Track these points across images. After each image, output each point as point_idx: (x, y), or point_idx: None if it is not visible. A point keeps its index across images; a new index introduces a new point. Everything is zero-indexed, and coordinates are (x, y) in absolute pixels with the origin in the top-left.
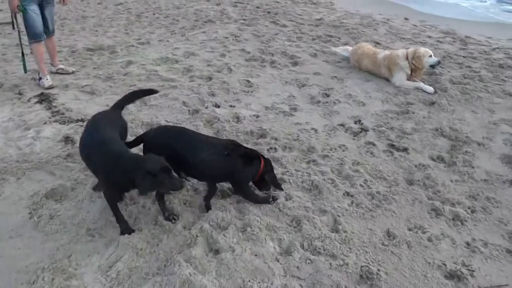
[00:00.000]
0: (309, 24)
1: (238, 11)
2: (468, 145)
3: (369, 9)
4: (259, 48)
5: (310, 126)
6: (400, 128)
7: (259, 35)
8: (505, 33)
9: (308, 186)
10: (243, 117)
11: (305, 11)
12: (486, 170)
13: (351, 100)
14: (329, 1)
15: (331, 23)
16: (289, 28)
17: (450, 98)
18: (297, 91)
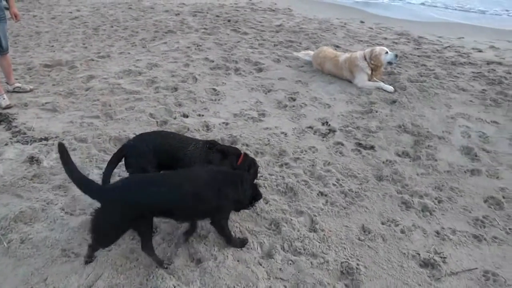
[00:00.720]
0: (270, 31)
1: (198, 20)
2: (429, 139)
3: (327, 14)
4: (222, 56)
5: (279, 130)
6: (366, 127)
7: (221, 43)
8: (454, 32)
9: (283, 189)
10: (212, 126)
11: (265, 18)
12: (448, 162)
13: (316, 102)
14: (287, 8)
15: (291, 29)
16: (250, 35)
17: (409, 95)
18: (264, 96)
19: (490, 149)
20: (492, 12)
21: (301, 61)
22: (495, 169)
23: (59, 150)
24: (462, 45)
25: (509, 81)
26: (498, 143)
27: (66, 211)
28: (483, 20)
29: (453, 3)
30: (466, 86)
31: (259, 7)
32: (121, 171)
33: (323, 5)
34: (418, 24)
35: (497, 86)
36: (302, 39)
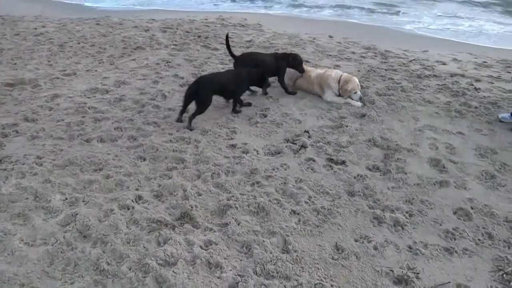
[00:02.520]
0: (240, 46)
1: (168, 36)
2: (399, 152)
3: (296, 29)
4: (192, 72)
5: (250, 148)
6: (337, 142)
7: (191, 59)
8: (419, 45)
9: (254, 209)
10: (183, 144)
11: (235, 34)
12: (418, 175)
13: (287, 118)
14: (257, 23)
15: (261, 44)
16: (221, 51)
17: (378, 109)
18: (235, 113)
19: (457, 160)
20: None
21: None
22: (462, 180)
23: None
24: (426, 58)
25: (472, 93)
26: (465, 154)
27: (25, 242)
28: (444, 33)
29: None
30: (432, 98)
31: (229, 23)
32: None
33: (292, 20)
34: (384, 38)
35: (461, 98)
36: None
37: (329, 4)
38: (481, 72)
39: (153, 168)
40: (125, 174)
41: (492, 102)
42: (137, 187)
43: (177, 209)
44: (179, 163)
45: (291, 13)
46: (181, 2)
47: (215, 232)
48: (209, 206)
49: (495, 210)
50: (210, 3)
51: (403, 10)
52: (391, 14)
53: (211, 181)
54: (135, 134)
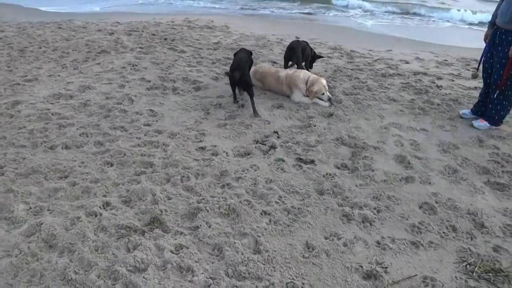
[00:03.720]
0: (208, 48)
1: (133, 39)
2: (366, 150)
3: (263, 30)
4: (159, 75)
5: (220, 150)
6: (305, 142)
7: (158, 62)
8: (383, 45)
9: (225, 211)
10: (151, 148)
11: (202, 36)
12: (384, 171)
13: (256, 119)
14: (225, 25)
15: (229, 46)
16: (188, 53)
17: (345, 108)
18: (203, 116)
19: (421, 156)
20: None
21: None
22: (427, 175)
23: None
24: (390, 58)
25: (434, 90)
26: (428, 149)
27: None
28: (408, 33)
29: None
30: (396, 96)
31: (196, 25)
32: None
33: (259, 21)
34: (350, 38)
35: (424, 95)
36: None
37: (296, 5)
38: (443, 70)
39: (121, 173)
40: (92, 180)
41: (453, 99)
42: (104, 193)
43: (146, 214)
44: (148, 167)
45: (258, 14)
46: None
47: (186, 235)
48: (179, 210)
49: (458, 203)
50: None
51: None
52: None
53: (181, 185)
54: (101, 139)
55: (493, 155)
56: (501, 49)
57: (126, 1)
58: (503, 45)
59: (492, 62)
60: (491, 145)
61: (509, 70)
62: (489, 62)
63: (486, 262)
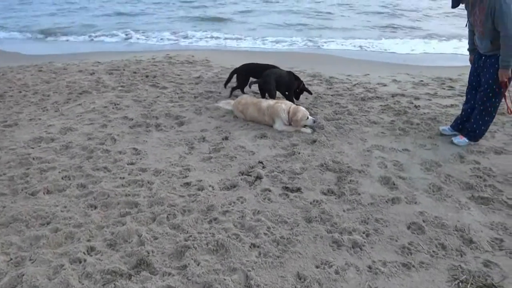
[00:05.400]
0: (189, 83)
1: (114, 78)
2: (351, 174)
3: (242, 62)
4: (141, 113)
5: (206, 184)
6: (291, 170)
7: (140, 99)
8: (360, 69)
9: (213, 247)
10: (136, 187)
11: (183, 71)
12: (371, 194)
13: (241, 151)
14: (205, 59)
15: (210, 80)
16: (169, 89)
17: (328, 134)
18: (187, 151)
19: (405, 176)
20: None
21: (222, 111)
22: (412, 195)
23: None
24: (368, 81)
25: (413, 110)
26: (411, 169)
27: None
28: (381, 56)
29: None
30: (377, 119)
31: (177, 60)
32: None
33: (239, 54)
34: (327, 64)
35: (403, 116)
36: (221, 89)
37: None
38: (419, 90)
39: (105, 215)
40: (75, 225)
41: (431, 117)
42: (88, 238)
43: (132, 257)
44: (133, 207)
45: (239, 47)
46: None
47: (174, 276)
48: (166, 250)
49: (445, 220)
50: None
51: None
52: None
53: (167, 223)
54: (84, 181)
55: (475, 170)
56: (486, 71)
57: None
58: (488, 68)
59: (480, 80)
60: (472, 161)
61: (504, 92)
62: (476, 80)
63: (477, 278)
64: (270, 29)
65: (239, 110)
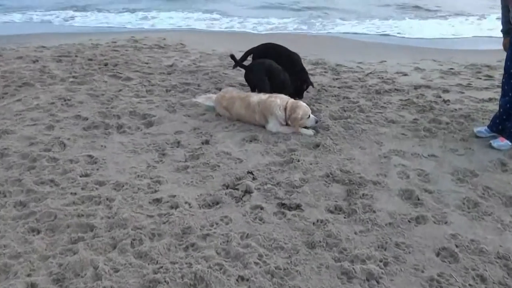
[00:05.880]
0: (160, 73)
1: (64, 67)
2: (363, 186)
3: (227, 46)
4: (99, 111)
5: (181, 200)
6: (288, 182)
7: (98, 94)
8: (374, 55)
9: (190, 281)
10: (92, 206)
11: (153, 58)
12: (389, 212)
13: (225, 158)
14: (180, 43)
15: (186, 69)
16: (135, 80)
17: (334, 136)
18: (158, 158)
19: (432, 189)
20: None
21: (201, 108)
22: (441, 213)
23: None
24: (385, 70)
25: (441, 106)
26: (440, 180)
27: None
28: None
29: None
30: (396, 117)
31: (144, 45)
32: None
33: (222, 36)
34: (333, 49)
35: (429, 113)
36: (200, 80)
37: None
38: (449, 80)
39: (51, 242)
40: (12, 255)
41: (464, 115)
42: (29, 272)
43: None
44: (87, 231)
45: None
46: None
47: None
48: (130, 285)
49: (484, 245)
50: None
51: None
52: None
53: (131, 251)
54: (24, 199)
55: None
56: None
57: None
58: None
59: None
60: None
61: None
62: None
63: None
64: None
65: (222, 106)
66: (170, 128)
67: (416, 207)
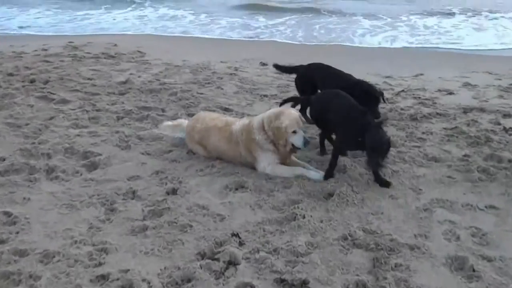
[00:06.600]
0: (109, 93)
1: None
2: (396, 253)
3: (204, 55)
4: (22, 147)
5: (136, 278)
6: (289, 248)
7: (20, 123)
8: (409, 66)
9: None
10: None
11: (99, 72)
12: None
13: (200, 214)
14: (137, 51)
15: (146, 87)
16: (73, 104)
17: (353, 181)
18: (104, 216)
19: (492, 255)
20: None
21: (167, 142)
22: None
23: None
24: (422, 87)
25: (501, 137)
26: (503, 242)
27: None
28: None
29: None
30: (439, 152)
31: (86, 53)
32: None
33: (195, 42)
34: (351, 59)
35: (485, 147)
36: (166, 102)
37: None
38: (510, 101)
39: None
40: None
41: None
42: None
43: None
44: None
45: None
46: None
47: None
48: None
49: None
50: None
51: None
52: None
53: None
54: None
55: None
56: None
57: None
58: None
59: None
60: None
61: None
62: None
63: None
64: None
65: (195, 140)
66: (122, 171)
67: (471, 282)
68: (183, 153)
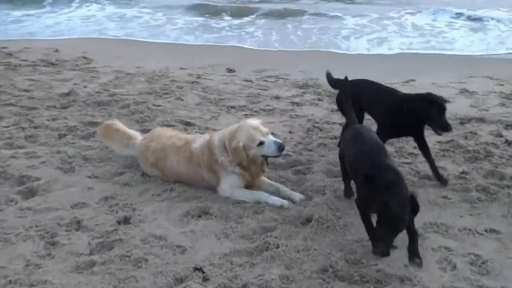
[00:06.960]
0: (49, 107)
1: None
2: (384, 285)
3: (161, 61)
4: None
5: None
6: (261, 283)
7: None
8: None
9: None
10: None
11: (37, 82)
12: None
13: (158, 245)
14: (82, 56)
15: (93, 99)
16: (7, 120)
17: (334, 204)
18: (44, 250)
19: (494, 286)
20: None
21: (117, 163)
22: None
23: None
24: None
25: (503, 150)
26: (506, 270)
27: None
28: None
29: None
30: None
31: (22, 61)
32: None
33: (150, 46)
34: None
35: (485, 163)
36: (116, 116)
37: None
38: None
39: None
40: None
41: None
42: None
43: None
44: None
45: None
46: None
47: None
48: None
49: None
50: None
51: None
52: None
53: None
54: None
55: None
56: None
57: None
58: None
59: None
60: None
61: None
62: None
63: None
64: None
65: (149, 161)
66: (65, 198)
67: None
68: (136, 175)
